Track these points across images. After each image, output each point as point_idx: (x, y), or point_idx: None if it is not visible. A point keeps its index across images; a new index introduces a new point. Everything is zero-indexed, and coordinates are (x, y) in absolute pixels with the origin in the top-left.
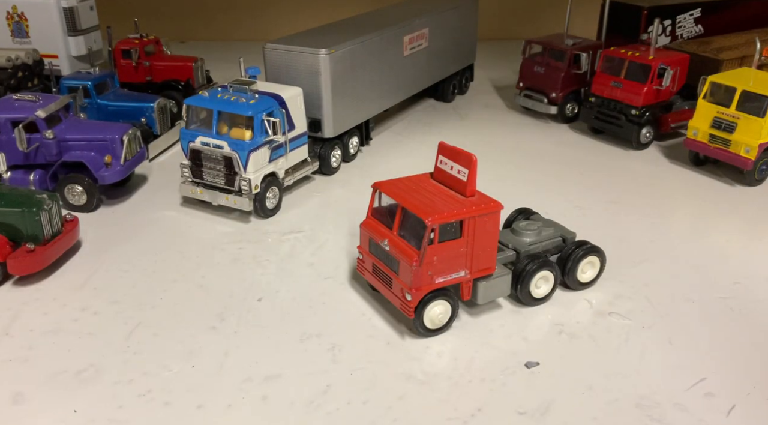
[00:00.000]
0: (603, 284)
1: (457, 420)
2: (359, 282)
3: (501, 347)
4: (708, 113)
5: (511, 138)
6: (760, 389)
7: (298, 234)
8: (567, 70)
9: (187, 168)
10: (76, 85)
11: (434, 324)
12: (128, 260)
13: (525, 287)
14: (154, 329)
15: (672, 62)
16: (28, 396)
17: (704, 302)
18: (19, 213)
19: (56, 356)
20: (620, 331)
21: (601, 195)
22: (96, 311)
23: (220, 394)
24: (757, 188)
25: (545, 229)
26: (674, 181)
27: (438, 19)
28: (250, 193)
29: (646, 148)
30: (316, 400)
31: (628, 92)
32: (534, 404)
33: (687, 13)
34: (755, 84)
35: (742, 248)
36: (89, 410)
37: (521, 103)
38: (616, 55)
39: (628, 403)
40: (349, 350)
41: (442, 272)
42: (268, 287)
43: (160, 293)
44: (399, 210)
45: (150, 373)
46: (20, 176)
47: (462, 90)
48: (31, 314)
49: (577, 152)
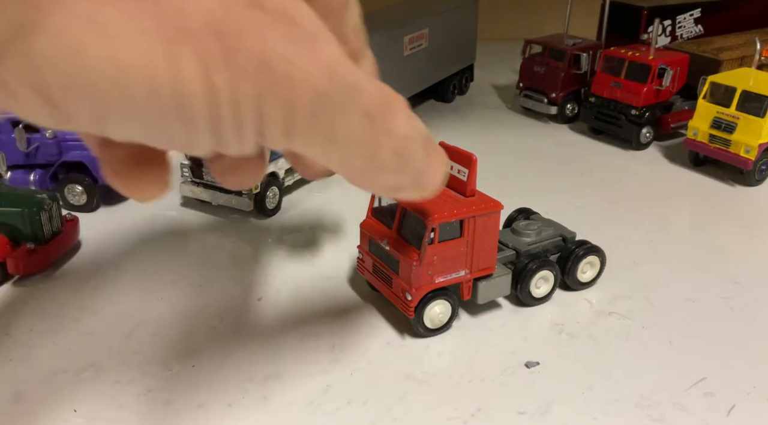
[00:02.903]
0: (603, 284)
1: (457, 420)
2: (359, 282)
3: (501, 347)
4: (708, 113)
5: (511, 138)
6: (760, 389)
7: (298, 234)
8: (567, 70)
9: (187, 168)
10: None
11: (434, 323)
12: (128, 260)
13: (525, 287)
14: (154, 329)
15: (672, 62)
16: (28, 396)
17: (704, 302)
18: (19, 213)
19: (56, 356)
20: (620, 331)
21: (601, 195)
22: (96, 312)
23: (220, 394)
24: (757, 188)
25: (545, 229)
26: (674, 181)
27: (438, 19)
28: (250, 193)
29: (646, 148)
30: (316, 400)
31: (628, 92)
32: (534, 404)
33: (687, 14)
34: (755, 84)
35: (742, 248)
36: (89, 410)
37: (521, 104)
38: (616, 55)
39: (628, 403)
40: (349, 350)
41: (442, 272)
42: (268, 287)
43: (160, 293)
44: (399, 210)
45: (150, 373)
46: (20, 176)
47: (462, 90)
48: (31, 314)
49: (577, 152)
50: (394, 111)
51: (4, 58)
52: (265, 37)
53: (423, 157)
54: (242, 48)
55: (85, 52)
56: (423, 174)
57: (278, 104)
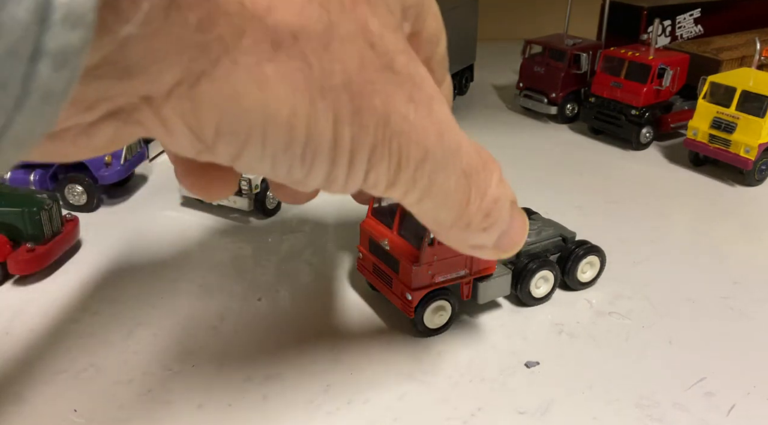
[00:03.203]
0: (603, 284)
1: (457, 420)
2: (359, 282)
3: (501, 347)
4: (708, 113)
5: (511, 138)
6: (760, 389)
7: (298, 234)
8: (567, 70)
9: None
10: None
11: (434, 323)
12: (128, 260)
13: (525, 287)
14: (154, 329)
15: (672, 62)
16: (28, 396)
17: (704, 302)
18: (20, 213)
19: (56, 356)
20: (620, 331)
21: (601, 195)
22: (96, 311)
23: (220, 394)
24: (757, 188)
25: (545, 229)
26: (674, 181)
27: None
28: (250, 193)
29: (646, 148)
30: (316, 400)
31: (628, 92)
32: (534, 403)
33: (687, 14)
34: (755, 84)
35: (742, 248)
36: (89, 410)
37: (521, 104)
38: (616, 55)
39: (628, 403)
40: (349, 350)
41: (442, 272)
42: (268, 287)
43: (160, 293)
44: (399, 210)
45: (150, 373)
46: (20, 176)
47: (462, 90)
48: (31, 314)
49: (577, 152)
50: (490, 174)
51: (171, 98)
52: (390, 97)
53: (507, 220)
54: (369, 106)
55: (242, 98)
56: (505, 236)
57: (389, 157)
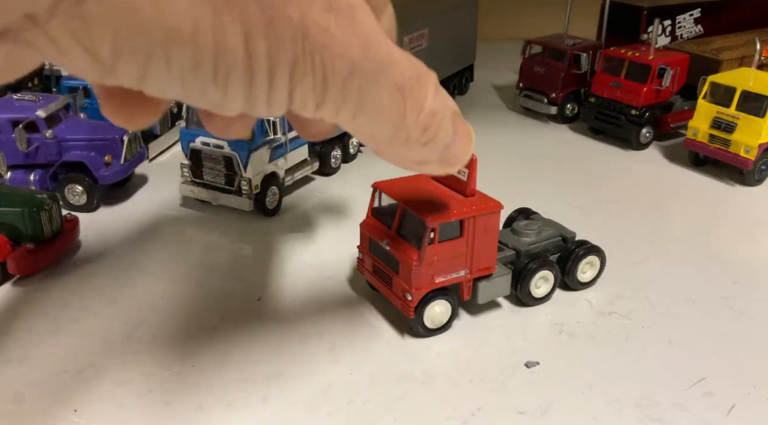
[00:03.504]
0: (603, 284)
1: (457, 420)
2: (359, 282)
3: (501, 347)
4: (708, 113)
5: (511, 138)
6: (760, 389)
7: (298, 234)
8: (567, 70)
9: (187, 168)
10: (76, 85)
11: (434, 323)
12: (128, 260)
13: (525, 287)
14: (154, 329)
15: (672, 62)
16: (28, 396)
17: (704, 302)
18: (20, 213)
19: (56, 356)
20: (620, 331)
21: (601, 195)
22: (96, 311)
23: (220, 394)
24: (757, 188)
25: (545, 229)
26: (674, 181)
27: (438, 19)
28: (251, 193)
29: (646, 148)
30: (317, 400)
31: (628, 92)
32: (534, 403)
33: (687, 14)
34: (755, 84)
35: (742, 248)
36: (89, 410)
37: (521, 104)
38: (616, 55)
39: (628, 403)
40: (349, 350)
41: (442, 272)
42: (268, 287)
43: (160, 293)
44: (399, 210)
45: (150, 373)
46: (20, 176)
47: (462, 90)
48: (31, 314)
49: (577, 152)
50: (425, 86)
51: (55, 16)
52: (306, 7)
53: (450, 133)
54: (282, 17)
55: (136, 12)
56: (449, 150)
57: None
